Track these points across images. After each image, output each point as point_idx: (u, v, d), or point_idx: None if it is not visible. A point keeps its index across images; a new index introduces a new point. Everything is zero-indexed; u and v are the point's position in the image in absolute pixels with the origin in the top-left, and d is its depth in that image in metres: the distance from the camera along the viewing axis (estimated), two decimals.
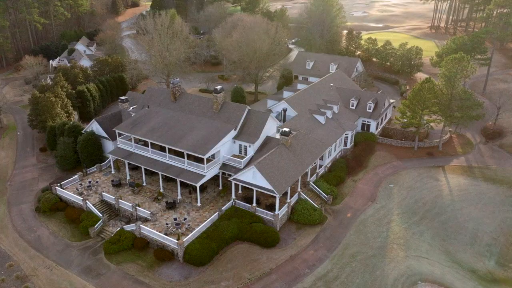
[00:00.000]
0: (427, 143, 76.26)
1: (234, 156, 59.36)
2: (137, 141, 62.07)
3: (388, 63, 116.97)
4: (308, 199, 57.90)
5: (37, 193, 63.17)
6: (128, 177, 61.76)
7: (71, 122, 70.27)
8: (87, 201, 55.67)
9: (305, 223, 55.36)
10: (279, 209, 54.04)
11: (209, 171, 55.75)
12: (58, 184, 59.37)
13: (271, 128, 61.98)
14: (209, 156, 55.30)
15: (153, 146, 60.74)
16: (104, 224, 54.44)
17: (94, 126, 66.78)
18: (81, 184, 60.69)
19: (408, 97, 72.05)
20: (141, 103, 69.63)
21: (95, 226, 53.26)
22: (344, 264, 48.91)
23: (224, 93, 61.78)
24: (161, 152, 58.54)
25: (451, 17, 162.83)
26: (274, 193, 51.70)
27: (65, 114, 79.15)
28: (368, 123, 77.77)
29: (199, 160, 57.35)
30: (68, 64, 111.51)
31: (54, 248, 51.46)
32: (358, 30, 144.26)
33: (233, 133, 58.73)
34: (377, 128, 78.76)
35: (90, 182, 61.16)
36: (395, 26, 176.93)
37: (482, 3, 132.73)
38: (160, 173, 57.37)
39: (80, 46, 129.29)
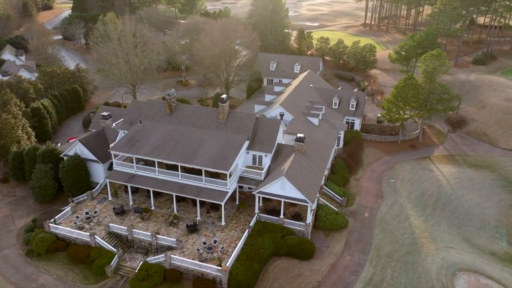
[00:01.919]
0: (407, 136, 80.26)
1: (248, 167, 56.40)
2: (137, 161, 55.78)
3: (341, 61, 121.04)
4: (328, 203, 57.29)
5: (18, 233, 53.67)
6: (131, 203, 55.28)
7: (44, 146, 60.98)
8: (95, 236, 48.52)
9: (331, 229, 54.65)
10: (302, 217, 52.90)
11: (231, 187, 52.18)
12: (52, 220, 50.90)
13: (279, 134, 59.98)
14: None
15: (158, 165, 55.03)
16: (119, 259, 47.95)
17: (77, 148, 58.56)
18: (77, 217, 52.80)
19: (392, 94, 74.92)
20: (128, 118, 62.85)
21: (111, 263, 46.67)
22: (384, 265, 49.15)
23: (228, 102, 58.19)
24: (172, 171, 53.33)
25: (377, 15, 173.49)
26: (307, 202, 50.12)
27: (25, 136, 68.62)
28: (352, 121, 79.51)
29: (216, 176, 53.46)
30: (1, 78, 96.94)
31: None
32: (297, 29, 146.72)
33: (246, 143, 55.64)
34: (360, 126, 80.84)
35: (87, 213, 53.51)
36: (330, 24, 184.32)
37: (413, 2, 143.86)
38: (174, 194, 52.23)
39: (8, 56, 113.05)
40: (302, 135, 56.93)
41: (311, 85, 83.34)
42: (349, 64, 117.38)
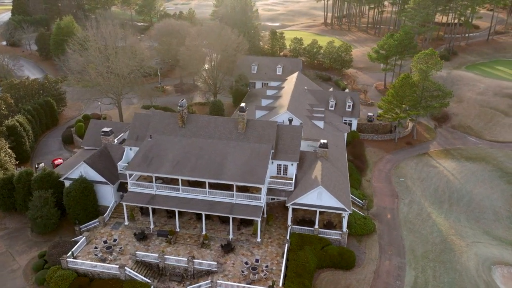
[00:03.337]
0: (401, 133, 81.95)
1: (272, 177, 53.99)
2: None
3: (316, 61, 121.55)
4: (354, 208, 56.48)
5: (25, 272, 47.01)
6: (152, 226, 50.59)
7: (35, 170, 54.14)
8: (125, 267, 43.61)
9: (362, 234, 53.94)
10: (334, 225, 51.87)
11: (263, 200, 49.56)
12: (69, 254, 45.01)
13: None
14: None
15: (176, 182, 50.95)
16: None
17: (82, 170, 52.45)
18: (96, 247, 47.22)
19: (389, 93, 75.92)
20: (133, 132, 57.56)
21: None
22: (424, 267, 49.28)
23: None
24: (199, 189, 49.56)
25: (336, 14, 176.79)
26: (345, 210, 48.90)
27: (8, 159, 60.82)
28: (350, 122, 79.63)
29: (245, 190, 50.55)
30: None
31: None
32: (260, 29, 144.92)
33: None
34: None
35: (106, 242, 48.10)
36: (290, 24, 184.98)
37: (375, 1, 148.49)
38: (203, 213, 48.53)
39: None
40: (325, 141, 55.64)
41: (306, 88, 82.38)
42: (325, 64, 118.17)
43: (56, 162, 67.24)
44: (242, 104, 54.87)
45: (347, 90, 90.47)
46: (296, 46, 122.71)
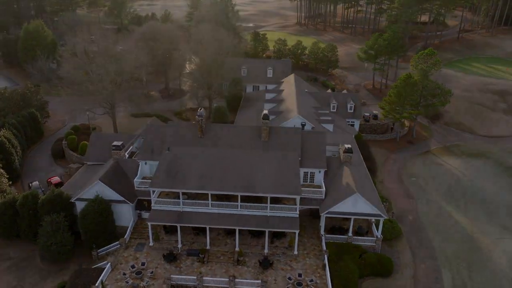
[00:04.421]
0: (401, 132, 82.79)
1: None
2: (178, 196, 47.82)
3: (301, 62, 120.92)
4: None
5: None
6: (180, 245, 47.22)
7: (40, 191, 49.14)
8: None
9: (391, 238, 53.37)
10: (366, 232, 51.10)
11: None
12: (98, 282, 40.88)
13: None
14: None
15: (202, 197, 47.97)
16: None
17: (98, 189, 48.06)
18: (124, 274, 43.29)
19: (392, 94, 76.27)
20: (147, 145, 53.69)
21: None
22: (458, 268, 49.37)
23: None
24: (229, 203, 46.81)
25: (308, 14, 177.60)
26: (381, 216, 48.05)
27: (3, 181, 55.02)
28: (352, 123, 79.24)
29: (276, 201, 48.36)
30: None
31: None
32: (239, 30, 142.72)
33: None
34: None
35: (133, 266, 44.23)
36: (264, 24, 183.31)
37: (348, 0, 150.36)
38: (237, 228, 45.93)
39: None
40: (349, 146, 54.60)
41: (306, 90, 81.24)
42: (310, 65, 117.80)
43: (53, 180, 61.56)
44: (265, 111, 52.74)
45: (345, 91, 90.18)
46: (280, 47, 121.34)
